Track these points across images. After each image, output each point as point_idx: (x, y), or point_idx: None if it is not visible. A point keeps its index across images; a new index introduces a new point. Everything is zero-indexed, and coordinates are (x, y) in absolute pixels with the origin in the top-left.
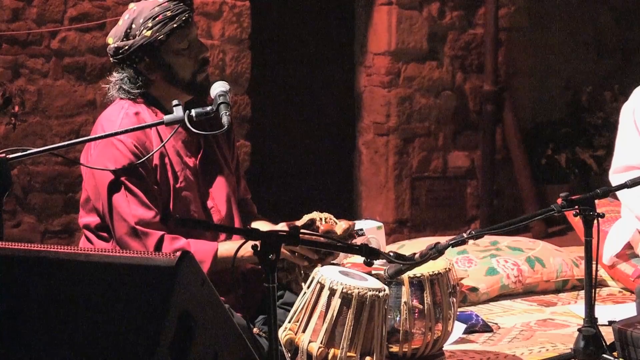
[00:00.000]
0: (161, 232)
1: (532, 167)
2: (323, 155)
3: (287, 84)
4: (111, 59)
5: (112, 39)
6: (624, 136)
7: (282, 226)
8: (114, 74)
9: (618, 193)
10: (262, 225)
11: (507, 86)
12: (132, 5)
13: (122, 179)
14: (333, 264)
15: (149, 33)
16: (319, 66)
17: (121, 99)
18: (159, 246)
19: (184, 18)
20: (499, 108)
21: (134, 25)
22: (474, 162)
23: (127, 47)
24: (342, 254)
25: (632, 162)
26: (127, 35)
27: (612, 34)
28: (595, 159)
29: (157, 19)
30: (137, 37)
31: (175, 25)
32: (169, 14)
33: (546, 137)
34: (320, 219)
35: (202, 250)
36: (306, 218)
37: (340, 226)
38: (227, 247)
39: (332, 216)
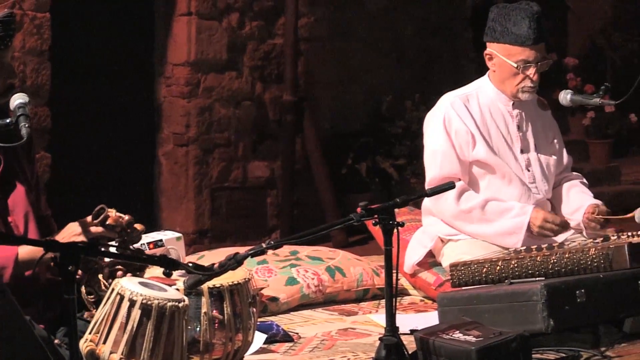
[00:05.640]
0: None
1: (333, 176)
2: (124, 166)
3: (88, 95)
4: None
5: None
6: (435, 147)
7: (76, 226)
8: None
9: (425, 202)
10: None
11: (307, 96)
12: None
13: None
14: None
15: None
16: (119, 77)
17: None
18: None
19: (4, 41)
20: (299, 118)
21: None
22: (274, 172)
23: None
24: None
25: (448, 172)
26: None
27: (412, 43)
28: (396, 167)
29: None
30: None
31: None
32: None
33: (347, 146)
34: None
35: (3, 256)
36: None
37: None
38: (26, 250)
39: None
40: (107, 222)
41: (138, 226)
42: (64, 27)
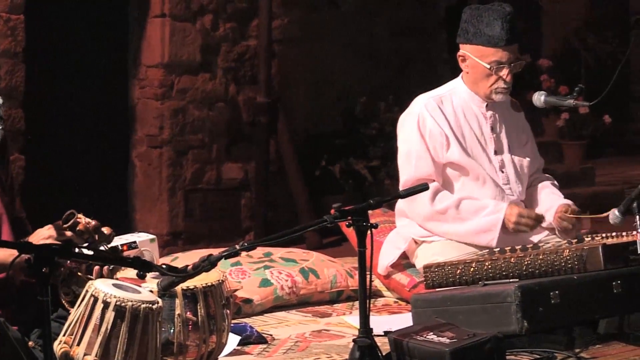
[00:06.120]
0: None
1: (307, 178)
2: (98, 168)
3: (62, 97)
4: None
5: None
6: (409, 148)
7: (45, 230)
8: None
9: (399, 202)
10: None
11: (280, 98)
12: None
13: None
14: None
15: None
16: (93, 79)
17: None
18: None
19: None
20: (273, 119)
21: None
22: (248, 173)
23: None
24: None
25: (423, 174)
26: None
27: (386, 45)
28: (370, 169)
29: None
30: None
31: None
32: None
33: (320, 148)
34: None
35: None
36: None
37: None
38: None
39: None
40: (77, 228)
41: (106, 230)
42: (38, 29)
